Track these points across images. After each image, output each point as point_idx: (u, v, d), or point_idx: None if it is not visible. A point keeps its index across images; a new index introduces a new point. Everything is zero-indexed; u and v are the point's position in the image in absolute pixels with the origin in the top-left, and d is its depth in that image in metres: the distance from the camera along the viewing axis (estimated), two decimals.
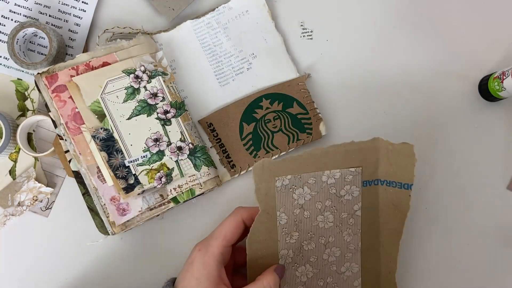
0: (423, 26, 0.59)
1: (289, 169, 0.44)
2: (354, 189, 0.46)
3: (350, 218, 0.47)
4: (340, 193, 0.46)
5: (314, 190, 0.45)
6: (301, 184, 0.45)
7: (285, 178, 0.44)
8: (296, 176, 0.44)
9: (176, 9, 0.56)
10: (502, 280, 0.57)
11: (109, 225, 0.50)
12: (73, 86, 0.49)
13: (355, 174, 0.46)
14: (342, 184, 0.46)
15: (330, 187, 0.46)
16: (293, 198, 0.45)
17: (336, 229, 0.47)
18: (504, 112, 0.58)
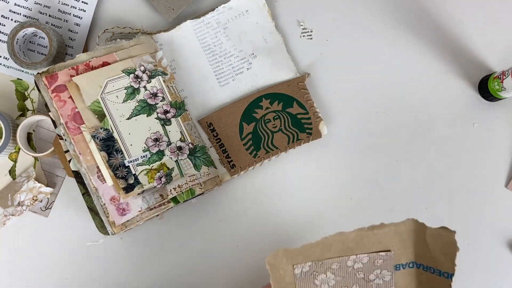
0: (423, 26, 0.59)
1: (309, 256, 0.41)
2: (385, 273, 0.42)
3: None
4: (369, 278, 0.42)
5: (339, 275, 0.42)
6: (324, 270, 0.41)
7: (305, 265, 0.41)
8: (317, 262, 0.41)
9: (176, 9, 0.56)
10: (502, 280, 0.57)
11: (109, 225, 0.50)
12: (73, 86, 0.49)
13: (385, 259, 0.42)
14: (371, 268, 0.42)
15: (357, 271, 0.42)
16: (315, 284, 0.41)
17: None
18: (504, 112, 0.58)
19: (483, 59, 0.59)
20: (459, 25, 0.59)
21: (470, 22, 0.59)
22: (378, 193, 0.57)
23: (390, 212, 0.57)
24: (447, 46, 0.59)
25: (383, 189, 0.57)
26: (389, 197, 0.57)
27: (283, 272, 0.40)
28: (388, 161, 0.57)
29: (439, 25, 0.59)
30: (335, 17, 0.59)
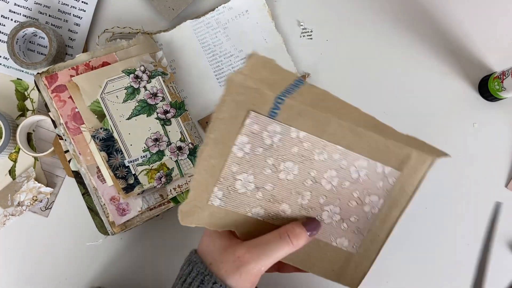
0: (423, 26, 0.59)
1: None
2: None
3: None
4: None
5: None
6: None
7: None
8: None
9: (176, 9, 0.56)
10: (502, 280, 0.56)
11: (109, 225, 0.50)
12: (72, 86, 0.49)
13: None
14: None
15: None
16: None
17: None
18: (504, 112, 0.58)
19: (483, 59, 0.59)
20: (459, 25, 0.59)
21: (470, 22, 0.59)
22: None
23: None
24: (447, 46, 0.59)
25: None
26: None
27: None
28: None
29: (439, 25, 0.59)
30: (335, 17, 0.59)
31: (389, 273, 0.56)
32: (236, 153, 0.38)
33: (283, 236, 0.38)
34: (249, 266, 0.37)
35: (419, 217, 0.57)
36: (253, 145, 0.39)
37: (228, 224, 0.40)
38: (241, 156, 0.39)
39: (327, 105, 0.38)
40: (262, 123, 0.38)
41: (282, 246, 0.38)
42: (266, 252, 0.37)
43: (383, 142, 0.40)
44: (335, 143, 0.39)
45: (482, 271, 0.38)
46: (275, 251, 0.38)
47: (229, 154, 0.38)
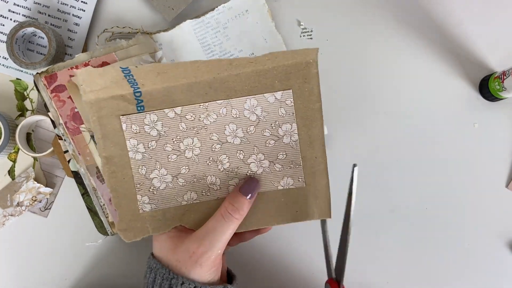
0: (423, 26, 0.59)
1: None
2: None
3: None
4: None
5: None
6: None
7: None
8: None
9: (175, 9, 0.56)
10: (502, 280, 0.56)
11: (108, 225, 0.50)
12: (72, 86, 0.49)
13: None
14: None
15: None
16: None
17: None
18: (504, 112, 0.58)
19: (483, 59, 0.59)
20: (459, 25, 0.59)
21: (470, 22, 0.59)
22: (378, 193, 0.57)
23: (390, 212, 0.57)
24: (447, 46, 0.59)
25: (383, 189, 0.57)
26: (389, 197, 0.57)
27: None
28: (388, 161, 0.57)
29: (440, 25, 0.59)
30: (335, 17, 0.59)
31: (389, 273, 0.56)
32: (135, 157, 0.39)
33: (226, 216, 0.38)
34: (205, 255, 0.37)
35: (419, 217, 0.57)
36: (144, 143, 0.39)
37: (171, 222, 0.40)
38: (140, 158, 0.40)
39: (173, 75, 0.39)
40: (137, 121, 0.39)
41: (228, 225, 0.38)
42: (216, 237, 0.38)
43: (254, 72, 0.39)
44: (213, 100, 0.40)
45: (344, 245, 0.38)
46: (224, 233, 0.38)
47: (129, 162, 0.39)
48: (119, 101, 0.38)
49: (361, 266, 0.56)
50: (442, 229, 0.56)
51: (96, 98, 0.38)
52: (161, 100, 0.39)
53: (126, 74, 0.38)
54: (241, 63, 0.39)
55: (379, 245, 0.56)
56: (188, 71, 0.39)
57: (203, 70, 0.39)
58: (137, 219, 0.40)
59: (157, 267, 0.39)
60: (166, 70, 0.38)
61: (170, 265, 0.39)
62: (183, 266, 0.38)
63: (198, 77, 0.39)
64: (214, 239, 0.38)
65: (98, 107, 0.38)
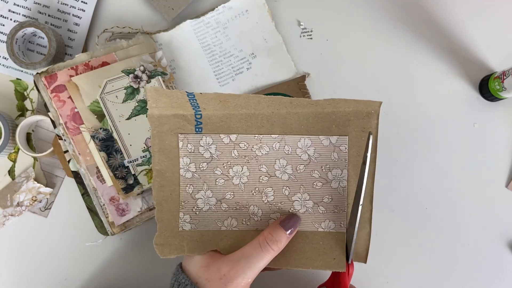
0: (423, 26, 0.59)
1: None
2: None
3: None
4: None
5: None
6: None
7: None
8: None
9: (175, 9, 0.56)
10: (502, 280, 0.56)
11: (108, 225, 0.50)
12: (72, 86, 0.49)
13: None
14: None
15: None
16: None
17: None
18: (504, 112, 0.58)
19: (483, 59, 0.59)
20: (459, 25, 0.59)
21: (470, 22, 0.59)
22: (378, 193, 0.57)
23: (390, 212, 0.57)
24: (447, 46, 0.59)
25: (383, 189, 0.57)
26: (389, 197, 0.57)
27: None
28: (388, 161, 0.57)
29: (440, 25, 0.59)
30: (335, 17, 0.59)
31: (389, 273, 0.56)
32: (185, 175, 0.41)
33: (263, 245, 0.38)
34: (236, 281, 0.37)
35: (419, 217, 0.57)
36: (196, 163, 0.41)
37: (207, 245, 0.41)
38: (190, 176, 0.41)
39: (234, 104, 0.40)
40: (193, 141, 0.40)
41: (263, 255, 0.38)
42: (250, 265, 0.37)
43: (313, 114, 0.40)
44: (268, 133, 0.40)
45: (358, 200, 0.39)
46: (258, 261, 0.38)
47: (179, 179, 0.41)
48: (180, 120, 0.40)
49: (361, 266, 0.56)
50: (442, 229, 0.56)
51: (160, 114, 0.39)
52: (218, 125, 0.40)
53: (191, 98, 0.39)
54: (302, 103, 0.40)
55: (379, 245, 0.56)
56: (249, 102, 0.40)
57: (263, 104, 0.40)
58: (175, 236, 0.41)
59: (186, 283, 0.38)
60: (228, 99, 0.40)
61: (199, 283, 0.38)
62: (211, 286, 0.37)
63: (257, 110, 0.40)
64: (247, 266, 0.37)
65: (160, 122, 0.40)
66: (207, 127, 0.40)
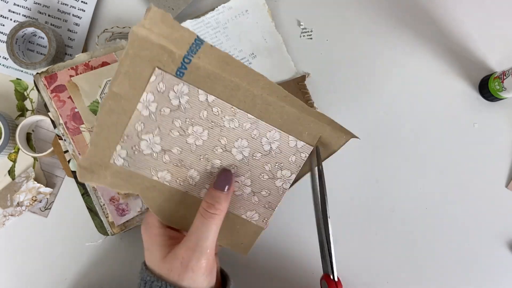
0: (423, 26, 0.59)
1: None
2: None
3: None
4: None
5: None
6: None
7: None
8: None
9: (175, 9, 0.56)
10: (502, 280, 0.56)
11: (108, 225, 0.50)
12: (72, 86, 0.49)
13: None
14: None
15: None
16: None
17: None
18: (504, 112, 0.58)
19: (483, 59, 0.59)
20: (459, 25, 0.59)
21: (470, 22, 0.59)
22: (378, 193, 0.57)
23: (390, 212, 0.57)
24: (447, 46, 0.59)
25: (383, 189, 0.57)
26: (389, 197, 0.57)
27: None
28: (388, 161, 0.57)
29: (440, 25, 0.59)
30: (335, 17, 0.59)
31: (389, 273, 0.56)
32: (141, 111, 0.37)
33: (205, 213, 0.38)
34: (194, 258, 0.37)
35: (419, 217, 0.57)
36: (159, 104, 0.37)
37: (131, 187, 0.39)
38: (146, 114, 0.37)
39: (233, 70, 0.37)
40: (168, 82, 0.37)
41: (209, 222, 0.37)
42: (200, 236, 0.37)
43: (296, 115, 0.39)
44: (246, 111, 0.39)
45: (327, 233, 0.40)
46: (208, 230, 0.37)
47: (133, 111, 0.37)
48: (165, 54, 0.35)
49: (361, 266, 0.56)
50: (442, 229, 0.56)
51: (147, 37, 0.34)
52: (202, 80, 0.37)
53: (196, 44, 0.36)
54: (294, 102, 0.39)
55: (379, 245, 0.56)
56: (247, 75, 0.37)
57: (259, 84, 0.38)
58: (102, 165, 0.37)
59: (151, 280, 0.38)
60: (229, 63, 0.37)
61: (163, 276, 0.38)
62: (175, 274, 0.37)
63: (249, 85, 0.38)
64: (199, 239, 0.37)
65: (142, 46, 0.35)
66: (190, 76, 0.36)
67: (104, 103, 0.36)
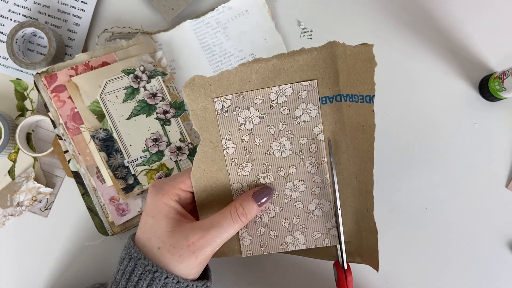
0: (423, 26, 0.59)
1: (228, 87, 0.38)
2: (311, 107, 0.39)
3: (311, 144, 0.39)
4: (295, 114, 0.39)
5: (263, 112, 0.38)
6: (246, 105, 0.38)
7: (226, 99, 0.38)
8: (238, 95, 0.38)
9: (175, 9, 0.56)
10: (502, 280, 0.56)
11: (108, 225, 0.50)
12: (72, 86, 0.49)
13: (310, 89, 0.38)
14: (295, 102, 0.38)
15: (281, 106, 0.38)
16: (238, 122, 0.39)
17: (297, 158, 0.40)
18: (504, 112, 0.58)
19: (483, 59, 0.59)
20: (459, 25, 0.59)
21: (471, 22, 0.59)
22: (378, 193, 0.57)
23: (390, 212, 0.57)
24: (447, 46, 0.59)
25: (383, 189, 0.57)
26: (389, 197, 0.57)
27: (202, 107, 0.38)
28: (388, 161, 0.57)
29: (440, 25, 0.59)
30: (335, 17, 0.59)
31: (389, 273, 0.56)
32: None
33: (234, 216, 0.38)
34: (205, 249, 0.36)
35: (418, 217, 0.57)
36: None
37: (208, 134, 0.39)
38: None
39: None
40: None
41: (233, 225, 0.38)
42: (220, 234, 0.37)
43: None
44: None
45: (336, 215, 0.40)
46: (228, 231, 0.37)
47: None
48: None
49: (361, 266, 0.56)
50: (442, 229, 0.56)
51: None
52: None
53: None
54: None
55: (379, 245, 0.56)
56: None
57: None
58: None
59: (138, 257, 0.37)
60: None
61: (161, 248, 0.37)
62: (176, 252, 0.36)
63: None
64: (218, 235, 0.37)
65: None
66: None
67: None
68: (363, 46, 0.39)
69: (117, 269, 0.39)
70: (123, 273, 0.38)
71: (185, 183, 0.39)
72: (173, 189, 0.39)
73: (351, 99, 0.39)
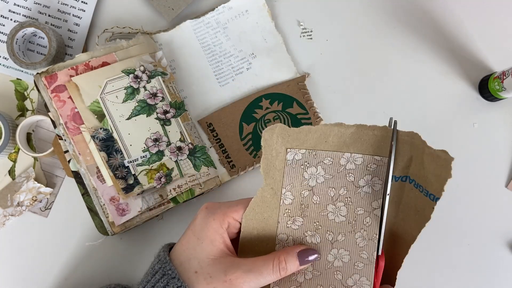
0: (423, 26, 0.59)
1: (305, 141, 0.38)
2: (376, 181, 0.39)
3: (366, 216, 0.39)
4: (359, 183, 0.39)
5: (329, 173, 0.39)
6: (315, 162, 0.39)
7: (298, 152, 0.38)
8: (311, 152, 0.39)
9: (175, 9, 0.56)
10: (502, 279, 0.56)
11: (108, 225, 0.50)
12: (72, 86, 0.49)
13: (380, 164, 0.39)
14: (362, 172, 0.39)
15: (348, 173, 0.39)
16: (303, 177, 0.39)
17: (348, 226, 0.39)
18: (504, 112, 0.58)
19: (483, 59, 0.59)
20: (459, 25, 0.59)
21: (470, 22, 0.59)
22: None
23: None
24: (447, 46, 0.59)
25: None
26: None
27: (275, 153, 0.38)
28: None
29: (440, 25, 0.59)
30: (335, 17, 0.59)
31: None
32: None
33: (275, 268, 0.38)
34: (238, 286, 0.36)
35: None
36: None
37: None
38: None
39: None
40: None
41: (272, 275, 0.37)
42: (257, 280, 0.37)
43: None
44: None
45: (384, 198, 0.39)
46: (265, 279, 0.37)
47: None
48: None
49: None
50: (442, 229, 0.56)
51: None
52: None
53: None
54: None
55: None
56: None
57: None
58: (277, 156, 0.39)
59: (172, 275, 0.37)
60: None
61: (198, 273, 0.37)
62: (211, 283, 0.36)
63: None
64: (255, 280, 0.37)
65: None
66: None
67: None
68: (443, 152, 0.40)
69: (147, 280, 0.39)
70: (153, 286, 0.38)
71: (238, 213, 0.39)
72: (225, 217, 0.39)
73: (416, 186, 0.39)
